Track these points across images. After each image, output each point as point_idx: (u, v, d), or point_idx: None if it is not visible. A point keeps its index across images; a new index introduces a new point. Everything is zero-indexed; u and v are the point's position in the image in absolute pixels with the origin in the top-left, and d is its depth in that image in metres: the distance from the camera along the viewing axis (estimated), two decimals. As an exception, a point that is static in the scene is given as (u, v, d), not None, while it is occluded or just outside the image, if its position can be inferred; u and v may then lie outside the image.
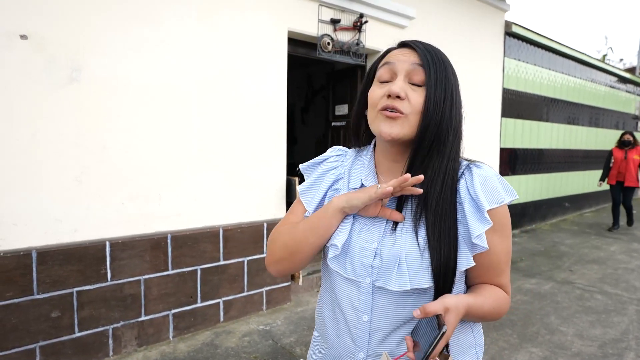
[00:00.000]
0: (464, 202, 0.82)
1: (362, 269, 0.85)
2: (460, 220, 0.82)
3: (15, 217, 2.33)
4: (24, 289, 2.35)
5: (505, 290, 0.89)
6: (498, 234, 0.84)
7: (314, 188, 0.97)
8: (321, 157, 1.02)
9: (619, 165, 6.83)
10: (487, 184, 0.83)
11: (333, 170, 0.97)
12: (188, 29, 2.88)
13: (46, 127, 2.39)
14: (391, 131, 0.81)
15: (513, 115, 6.44)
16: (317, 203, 0.95)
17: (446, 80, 0.82)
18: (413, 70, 0.82)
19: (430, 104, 0.80)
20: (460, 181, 0.84)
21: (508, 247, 0.87)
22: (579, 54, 7.73)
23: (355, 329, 0.86)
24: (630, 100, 10.45)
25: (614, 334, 3.15)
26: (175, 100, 2.86)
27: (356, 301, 0.86)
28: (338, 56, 3.81)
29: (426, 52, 0.83)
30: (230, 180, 3.17)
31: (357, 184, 0.92)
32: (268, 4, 3.27)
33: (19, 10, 2.28)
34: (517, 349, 2.91)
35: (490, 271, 0.87)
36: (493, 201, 0.81)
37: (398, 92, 0.80)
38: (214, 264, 3.11)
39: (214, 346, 2.87)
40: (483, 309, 0.83)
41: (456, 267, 0.80)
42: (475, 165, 0.86)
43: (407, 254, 0.81)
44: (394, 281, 0.81)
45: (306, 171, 1.01)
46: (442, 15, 4.89)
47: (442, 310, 0.74)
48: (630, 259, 5.30)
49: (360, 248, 0.86)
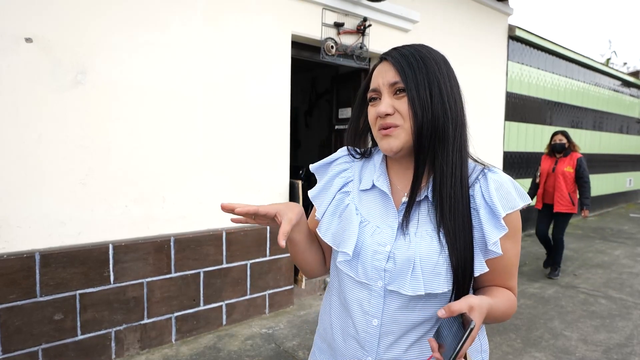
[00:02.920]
0: (479, 208, 0.82)
1: (375, 273, 0.84)
2: (475, 226, 0.82)
3: (19, 219, 2.34)
4: (27, 292, 2.35)
5: (513, 293, 0.90)
6: (511, 239, 0.84)
7: (324, 192, 0.97)
8: (331, 158, 1.02)
9: (544, 181, 4.71)
10: (502, 189, 0.83)
11: (342, 174, 0.97)
12: (193, 32, 2.89)
13: (51, 129, 2.40)
14: (390, 146, 0.84)
15: (516, 119, 6.43)
16: (326, 207, 0.95)
17: (428, 78, 0.81)
18: (392, 83, 0.83)
19: (416, 107, 0.80)
20: (475, 187, 0.84)
21: (518, 251, 0.88)
22: (582, 58, 7.72)
23: (365, 333, 0.86)
24: (634, 103, 10.42)
25: (619, 339, 3.13)
26: (179, 103, 2.86)
27: (366, 305, 0.86)
28: (341, 60, 3.81)
29: (400, 58, 0.83)
30: (233, 183, 3.17)
31: (369, 184, 0.92)
32: (272, 8, 3.28)
33: (25, 14, 2.29)
34: (521, 353, 2.89)
35: (501, 275, 0.87)
36: (508, 207, 0.81)
37: (384, 111, 0.82)
38: (217, 267, 3.11)
39: (216, 349, 2.86)
40: (500, 310, 0.83)
41: (473, 272, 0.80)
42: (490, 170, 0.86)
43: (421, 258, 0.81)
44: (407, 285, 0.80)
45: (317, 172, 1.02)
46: (445, 18, 4.89)
47: (467, 308, 0.73)
48: (634, 263, 5.26)
49: (373, 251, 0.85)
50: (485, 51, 5.58)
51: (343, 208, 0.93)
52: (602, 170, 9.17)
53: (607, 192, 9.51)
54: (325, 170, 1.00)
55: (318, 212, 0.96)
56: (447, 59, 0.88)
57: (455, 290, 0.80)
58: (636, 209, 10.04)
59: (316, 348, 1.02)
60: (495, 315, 0.82)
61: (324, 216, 0.94)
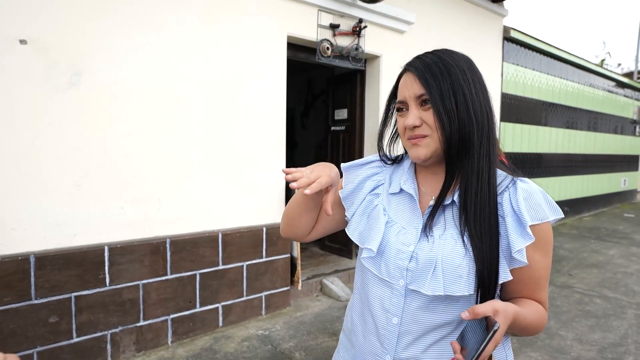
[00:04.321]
0: (506, 216, 0.82)
1: (397, 271, 0.86)
2: (502, 234, 0.82)
3: (15, 221, 2.33)
4: (22, 294, 2.34)
5: (543, 307, 0.89)
6: (540, 251, 0.83)
7: (355, 193, 0.99)
8: (363, 160, 1.03)
9: None
10: (531, 199, 0.82)
11: (374, 177, 0.99)
12: (189, 33, 2.89)
13: (47, 131, 2.39)
14: (418, 155, 0.85)
15: (512, 120, 6.46)
16: (356, 208, 0.98)
17: (453, 87, 0.82)
18: (418, 95, 0.84)
19: (443, 117, 0.81)
20: (504, 195, 0.84)
21: (548, 264, 0.87)
22: (577, 59, 7.77)
23: (384, 330, 0.87)
24: (629, 104, 10.49)
25: (613, 338, 3.15)
26: (175, 105, 2.86)
27: (387, 303, 0.87)
28: (337, 61, 3.82)
29: (424, 69, 0.84)
30: (229, 184, 3.17)
31: (397, 188, 0.93)
32: (268, 9, 3.29)
33: (20, 16, 2.28)
34: (517, 353, 2.90)
35: (530, 286, 0.86)
36: (536, 217, 0.81)
37: (412, 124, 0.84)
38: (213, 268, 3.11)
39: (212, 351, 2.86)
40: (527, 321, 0.82)
41: (497, 279, 0.80)
42: (521, 180, 0.86)
43: (443, 259, 0.81)
44: (427, 285, 0.81)
45: (347, 171, 1.02)
46: (441, 20, 4.91)
47: (492, 312, 0.72)
48: (629, 263, 5.30)
49: (397, 250, 0.86)
50: (480, 52, 5.60)
51: (372, 209, 0.95)
52: (597, 171, 9.23)
53: (601, 192, 9.57)
54: (355, 172, 1.01)
55: (348, 212, 0.99)
56: (472, 61, 0.88)
57: (480, 296, 0.80)
58: (631, 209, 10.10)
59: (341, 346, 1.04)
60: (523, 324, 0.81)
61: (354, 216, 0.97)
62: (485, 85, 0.88)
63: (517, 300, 0.88)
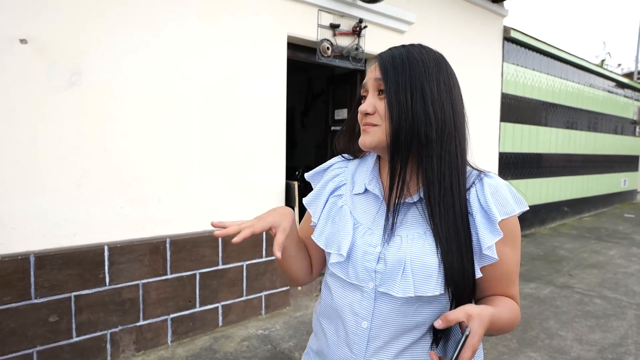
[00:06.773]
0: (474, 213, 0.81)
1: (366, 274, 0.83)
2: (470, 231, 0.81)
3: (14, 221, 2.32)
4: (22, 293, 2.34)
5: (515, 301, 0.88)
6: (509, 245, 0.83)
7: (317, 198, 0.97)
8: (325, 165, 1.01)
9: None
10: (498, 194, 0.81)
11: (335, 178, 0.97)
12: (188, 33, 2.89)
13: (46, 130, 2.39)
14: (364, 142, 0.85)
15: (512, 120, 6.45)
16: (320, 212, 0.95)
17: (411, 81, 0.79)
18: (378, 83, 0.83)
19: (393, 109, 0.79)
20: (470, 191, 0.83)
21: (518, 258, 0.86)
22: (577, 59, 7.77)
23: (354, 335, 0.84)
24: (629, 105, 10.49)
25: (613, 339, 3.15)
26: (175, 104, 2.86)
27: (357, 306, 0.84)
28: (337, 61, 3.82)
29: (388, 58, 0.83)
30: (229, 184, 3.17)
31: (361, 189, 0.91)
32: (268, 9, 3.29)
33: (20, 15, 2.28)
34: (517, 353, 2.90)
35: (501, 282, 0.85)
36: (504, 212, 0.80)
37: (365, 110, 0.84)
38: (212, 268, 3.10)
39: (212, 351, 2.86)
40: (502, 320, 0.80)
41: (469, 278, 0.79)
42: (486, 175, 0.85)
43: (412, 259, 0.79)
44: (397, 287, 0.79)
45: (312, 180, 1.01)
46: (441, 20, 4.91)
47: (464, 317, 0.70)
48: (629, 263, 5.30)
49: (364, 252, 0.84)
50: (480, 52, 5.60)
51: (336, 211, 0.92)
52: (597, 171, 9.23)
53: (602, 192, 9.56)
54: (319, 178, 1.00)
55: (314, 217, 0.95)
56: (443, 60, 0.84)
57: (453, 297, 0.79)
58: (631, 209, 10.09)
59: (309, 348, 1.01)
60: (499, 325, 0.80)
61: (319, 220, 0.94)
62: (456, 86, 0.84)
63: (490, 299, 0.86)
